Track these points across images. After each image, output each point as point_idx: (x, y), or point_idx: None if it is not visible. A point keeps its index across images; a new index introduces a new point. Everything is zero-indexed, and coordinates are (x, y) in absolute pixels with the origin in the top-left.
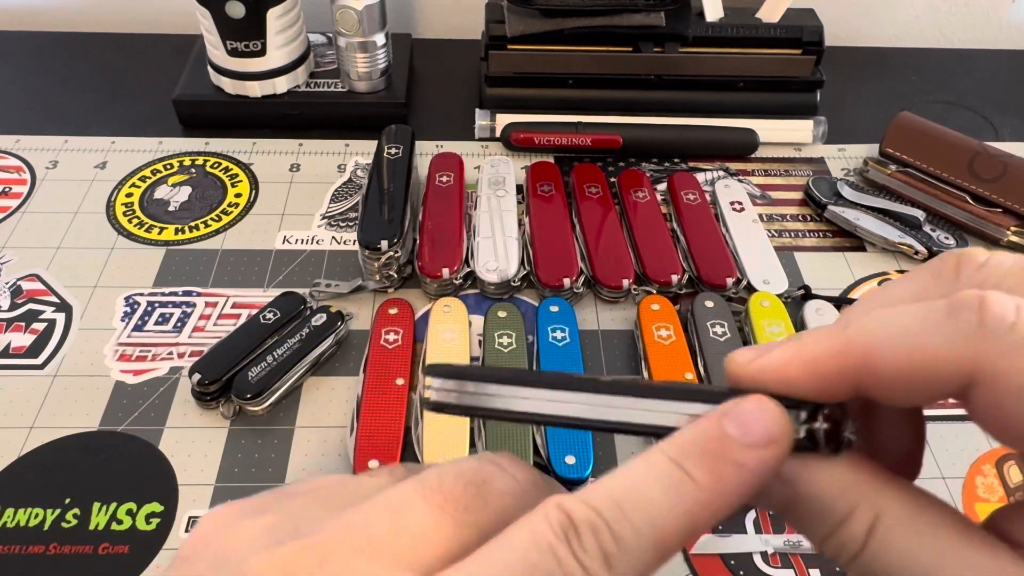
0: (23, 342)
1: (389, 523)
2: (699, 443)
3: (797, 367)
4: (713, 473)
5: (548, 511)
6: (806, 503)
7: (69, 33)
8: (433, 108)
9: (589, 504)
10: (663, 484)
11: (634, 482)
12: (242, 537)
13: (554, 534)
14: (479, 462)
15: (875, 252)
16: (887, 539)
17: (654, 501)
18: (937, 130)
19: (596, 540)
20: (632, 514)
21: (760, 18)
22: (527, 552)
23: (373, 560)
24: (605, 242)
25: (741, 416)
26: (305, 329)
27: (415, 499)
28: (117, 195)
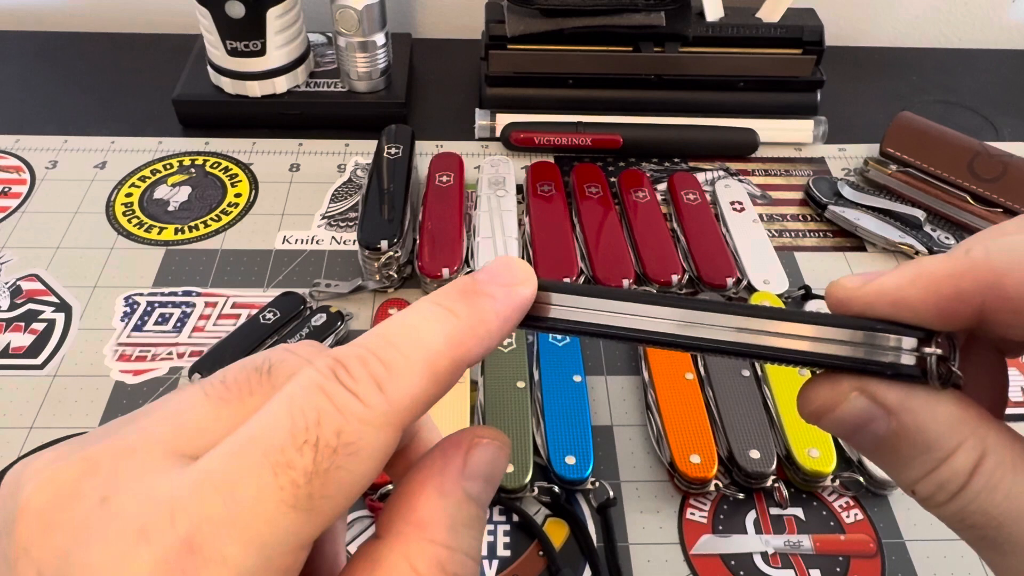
0: (23, 342)
1: (166, 420)
2: (455, 287)
3: (919, 289)
4: (470, 304)
5: (316, 361)
6: (909, 437)
7: (69, 33)
8: (433, 108)
9: (357, 344)
10: (426, 318)
11: (400, 322)
12: (28, 472)
13: (322, 376)
14: (268, 352)
15: (875, 252)
16: (994, 478)
17: (419, 330)
18: (937, 130)
19: (366, 369)
20: (399, 342)
21: (760, 18)
22: (294, 397)
23: (143, 455)
24: (605, 242)
25: (488, 267)
26: (305, 329)
27: (196, 395)
28: (117, 195)
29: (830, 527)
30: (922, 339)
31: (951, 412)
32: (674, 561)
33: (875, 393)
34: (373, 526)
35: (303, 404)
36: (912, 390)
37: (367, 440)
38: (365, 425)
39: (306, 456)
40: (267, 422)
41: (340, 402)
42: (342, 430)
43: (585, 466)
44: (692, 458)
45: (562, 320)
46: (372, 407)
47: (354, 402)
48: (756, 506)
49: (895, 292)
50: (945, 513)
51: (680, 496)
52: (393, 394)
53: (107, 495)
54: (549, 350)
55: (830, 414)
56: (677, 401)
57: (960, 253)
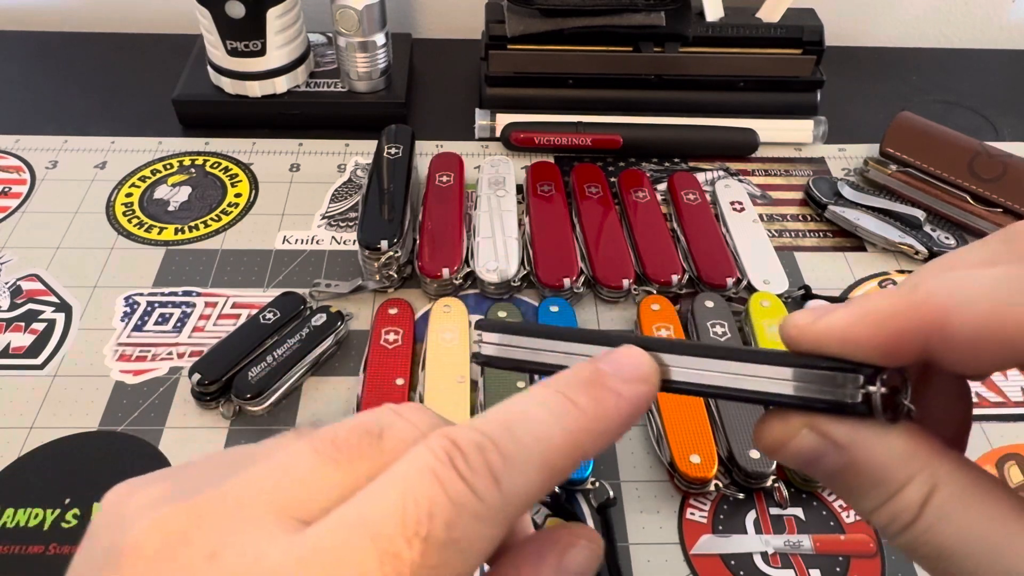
0: (23, 342)
1: (275, 478)
2: (580, 377)
3: (865, 327)
4: (594, 399)
5: (431, 441)
6: (861, 470)
7: (69, 33)
8: (433, 108)
9: (475, 428)
10: (548, 408)
11: (520, 408)
12: (133, 506)
13: (437, 459)
14: (378, 412)
15: (875, 252)
16: (943, 511)
17: (540, 421)
18: (937, 130)
19: (483, 458)
20: (519, 433)
21: (760, 18)
22: (407, 480)
23: (252, 513)
24: (605, 242)
25: (613, 358)
26: (305, 329)
27: (305, 452)
28: (117, 195)
29: (830, 527)
30: (869, 376)
31: (901, 446)
32: (674, 561)
33: (825, 429)
34: None
35: (417, 492)
36: (862, 425)
37: (476, 536)
38: (476, 520)
39: (414, 549)
40: (378, 505)
41: (454, 493)
42: (453, 524)
43: (585, 466)
44: (692, 458)
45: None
46: (486, 502)
47: (468, 495)
48: (756, 506)
49: (843, 330)
50: (899, 543)
51: (680, 496)
52: (508, 490)
53: (215, 551)
54: None
55: (783, 449)
56: (677, 401)
57: (907, 290)
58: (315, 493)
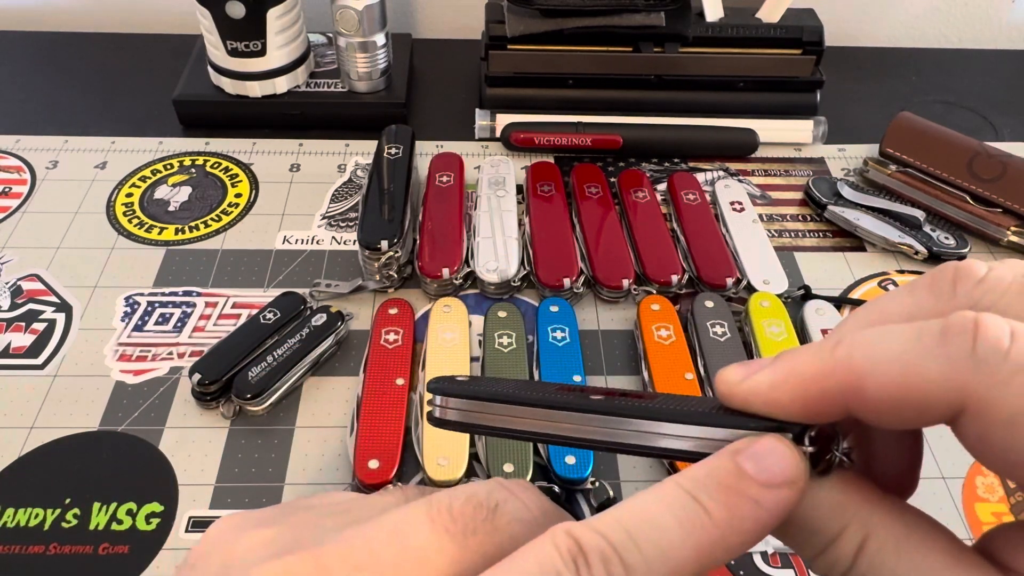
0: (23, 342)
1: (392, 542)
2: (715, 477)
3: (785, 391)
4: (729, 508)
5: (556, 537)
6: (796, 522)
7: (69, 33)
8: (433, 108)
9: (599, 532)
10: (676, 515)
11: (646, 512)
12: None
13: (562, 560)
14: (491, 486)
15: (875, 252)
16: (876, 559)
17: (667, 532)
18: (937, 130)
19: (605, 568)
20: (644, 544)
21: (760, 18)
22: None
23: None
24: (605, 242)
25: (758, 454)
26: (305, 329)
27: (421, 520)
28: (117, 195)
29: None
30: (797, 435)
31: (833, 498)
32: None
33: None
34: None
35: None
36: None
37: None
38: None
39: None
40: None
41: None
42: None
43: (585, 466)
44: None
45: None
46: None
47: None
48: None
49: (766, 392)
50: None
51: None
52: None
53: None
54: (549, 350)
55: None
56: None
57: (828, 348)
58: (431, 564)
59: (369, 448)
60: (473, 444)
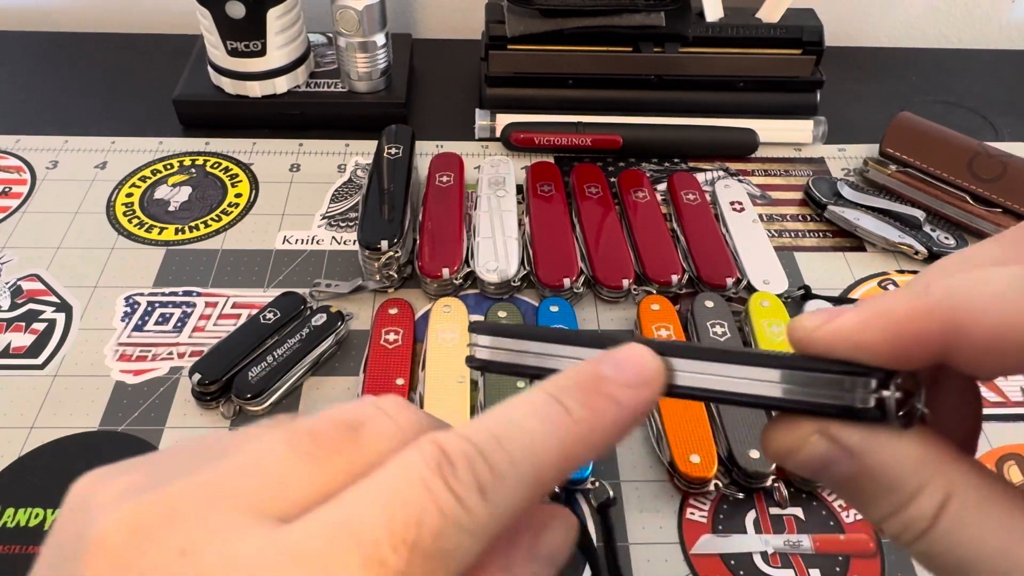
0: (23, 342)
1: (249, 472)
2: (576, 380)
3: (877, 330)
4: (589, 407)
5: (422, 446)
6: (873, 477)
7: (69, 33)
8: (433, 108)
9: (465, 436)
10: (540, 416)
11: (511, 415)
12: (101, 497)
13: (426, 466)
14: (357, 405)
15: (875, 252)
16: (959, 519)
17: (530, 432)
18: (937, 130)
19: (471, 469)
20: (508, 444)
21: (760, 18)
22: (396, 487)
23: (225, 508)
24: (605, 242)
25: (616, 359)
26: (305, 329)
27: (281, 445)
28: (117, 195)
29: (830, 527)
30: (881, 380)
31: (915, 453)
32: (674, 561)
33: (836, 435)
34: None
35: (405, 497)
36: (874, 431)
37: (462, 548)
38: (463, 532)
39: (400, 556)
40: (366, 508)
41: (443, 504)
42: (440, 534)
43: (585, 466)
44: (692, 458)
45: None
46: (474, 515)
47: (456, 507)
48: (756, 506)
49: (853, 334)
50: (913, 551)
51: (680, 496)
52: (495, 503)
53: (186, 548)
54: None
55: (792, 456)
56: (677, 401)
57: (920, 289)
58: (291, 490)
59: None
60: None
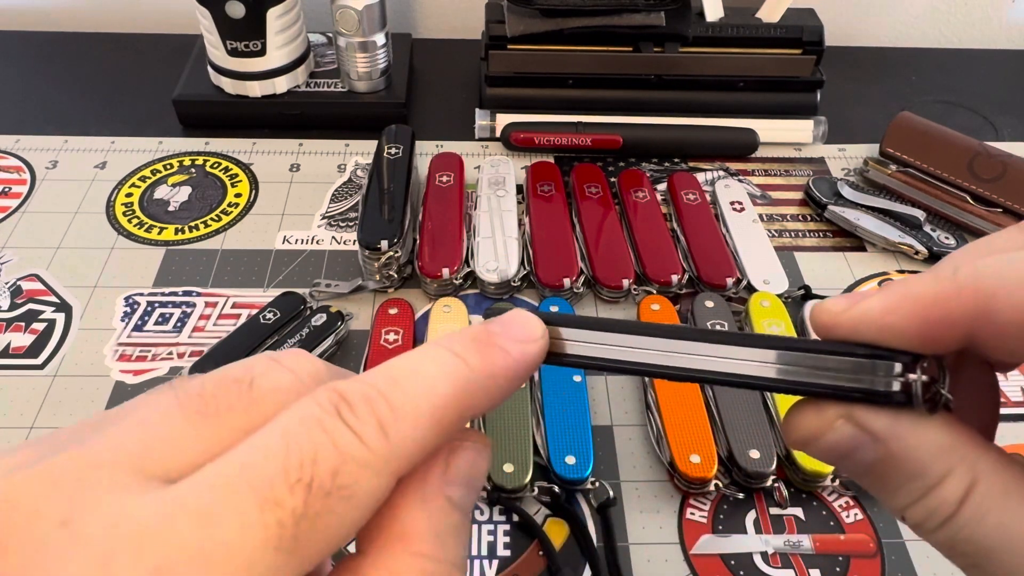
0: (23, 342)
1: (136, 434)
2: (469, 335)
3: (904, 313)
4: (482, 356)
5: (317, 393)
6: (898, 464)
7: (69, 33)
8: (433, 108)
9: (363, 380)
10: (437, 363)
11: (409, 362)
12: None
13: (323, 411)
14: (251, 360)
15: (875, 252)
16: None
17: (429, 376)
18: (937, 130)
19: (370, 408)
20: (407, 385)
21: (760, 18)
22: (289, 429)
23: (111, 472)
24: (605, 242)
25: (502, 319)
26: (305, 329)
27: (169, 406)
28: (117, 195)
29: (830, 527)
30: (908, 364)
31: (940, 438)
32: (674, 561)
33: (861, 420)
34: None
35: (300, 438)
36: (899, 416)
37: (363, 484)
38: (363, 468)
39: (297, 496)
40: (258, 453)
41: (340, 441)
42: (338, 471)
43: (585, 466)
44: (692, 458)
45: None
46: (373, 450)
47: (355, 442)
48: (756, 506)
49: (880, 317)
50: (935, 539)
51: (680, 496)
52: (395, 438)
53: (68, 518)
54: None
55: (816, 442)
56: (677, 401)
57: (947, 273)
58: (181, 450)
59: None
60: None
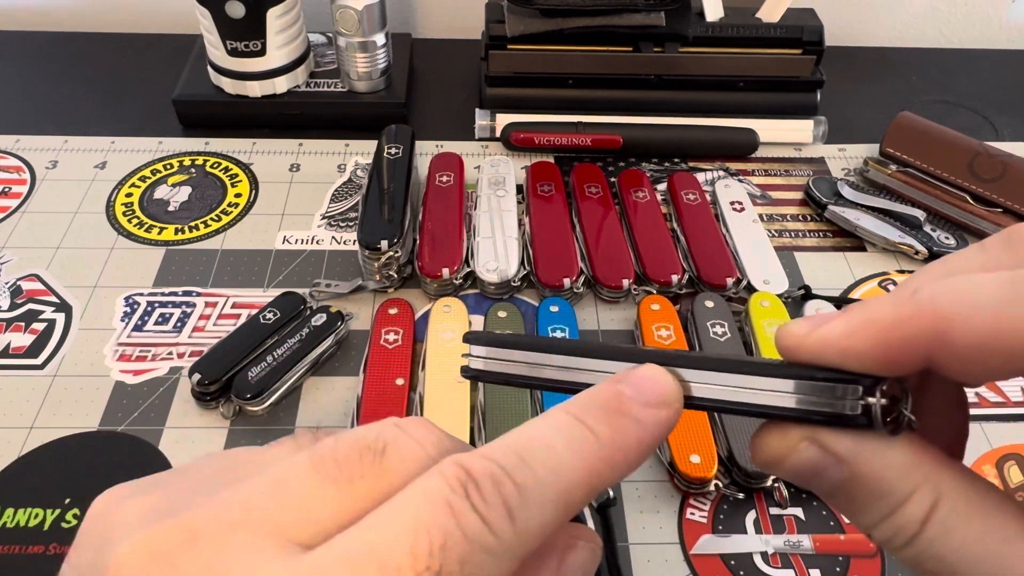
0: (23, 342)
1: (271, 496)
2: (598, 402)
3: (865, 337)
4: (612, 427)
5: (444, 468)
6: (862, 484)
7: (69, 33)
8: (433, 108)
9: (489, 457)
10: (565, 437)
11: (535, 436)
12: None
13: (450, 488)
14: (380, 427)
15: (875, 252)
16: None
17: (556, 451)
18: (937, 130)
19: (497, 491)
20: (535, 465)
21: (760, 18)
22: (419, 509)
23: (247, 533)
24: (605, 242)
25: (635, 379)
26: (305, 329)
27: (304, 469)
28: (117, 195)
29: (830, 527)
30: (868, 387)
31: (903, 458)
32: (674, 561)
33: (825, 442)
34: None
35: (429, 522)
36: (863, 437)
37: (488, 572)
38: (489, 556)
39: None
40: (388, 533)
41: (468, 527)
42: (466, 560)
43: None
44: (692, 458)
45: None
46: (500, 538)
47: (482, 529)
48: (756, 506)
49: (840, 341)
50: (903, 556)
51: (680, 496)
52: (523, 524)
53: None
54: None
55: (782, 464)
56: None
57: (906, 296)
58: (314, 515)
59: None
60: (473, 443)
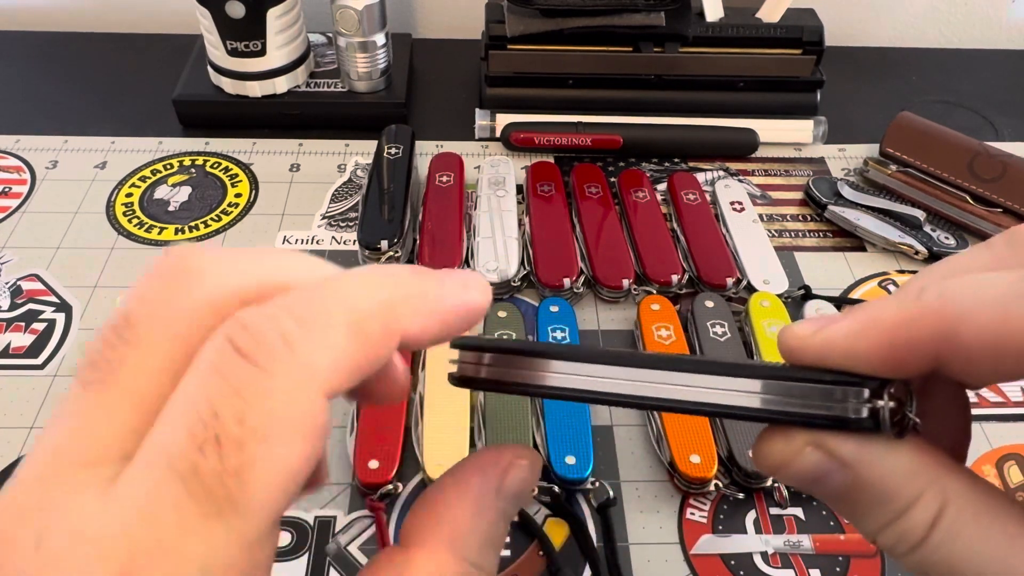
0: (23, 342)
1: (62, 430)
2: (405, 266)
3: (869, 339)
4: (416, 277)
5: (221, 329)
6: (867, 489)
7: (69, 33)
8: (433, 108)
9: (272, 302)
10: (361, 279)
11: (327, 279)
12: None
13: (219, 351)
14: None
15: (875, 252)
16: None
17: (349, 288)
18: (937, 130)
19: (274, 326)
20: (316, 296)
21: (760, 18)
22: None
23: (60, 480)
24: (605, 242)
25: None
26: None
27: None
28: (117, 195)
29: (830, 527)
30: (875, 390)
31: (909, 462)
32: (674, 561)
33: (829, 447)
34: (373, 526)
35: (195, 395)
36: (868, 441)
37: (278, 416)
38: (270, 400)
39: (210, 457)
40: (166, 426)
41: (237, 380)
42: (243, 415)
43: (585, 466)
44: (692, 458)
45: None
46: (276, 374)
47: (254, 375)
48: (756, 506)
49: (845, 343)
50: (908, 563)
51: (680, 496)
52: (306, 353)
53: (40, 537)
54: None
55: (785, 469)
56: None
57: (912, 296)
58: (99, 431)
59: (369, 448)
60: (473, 444)
